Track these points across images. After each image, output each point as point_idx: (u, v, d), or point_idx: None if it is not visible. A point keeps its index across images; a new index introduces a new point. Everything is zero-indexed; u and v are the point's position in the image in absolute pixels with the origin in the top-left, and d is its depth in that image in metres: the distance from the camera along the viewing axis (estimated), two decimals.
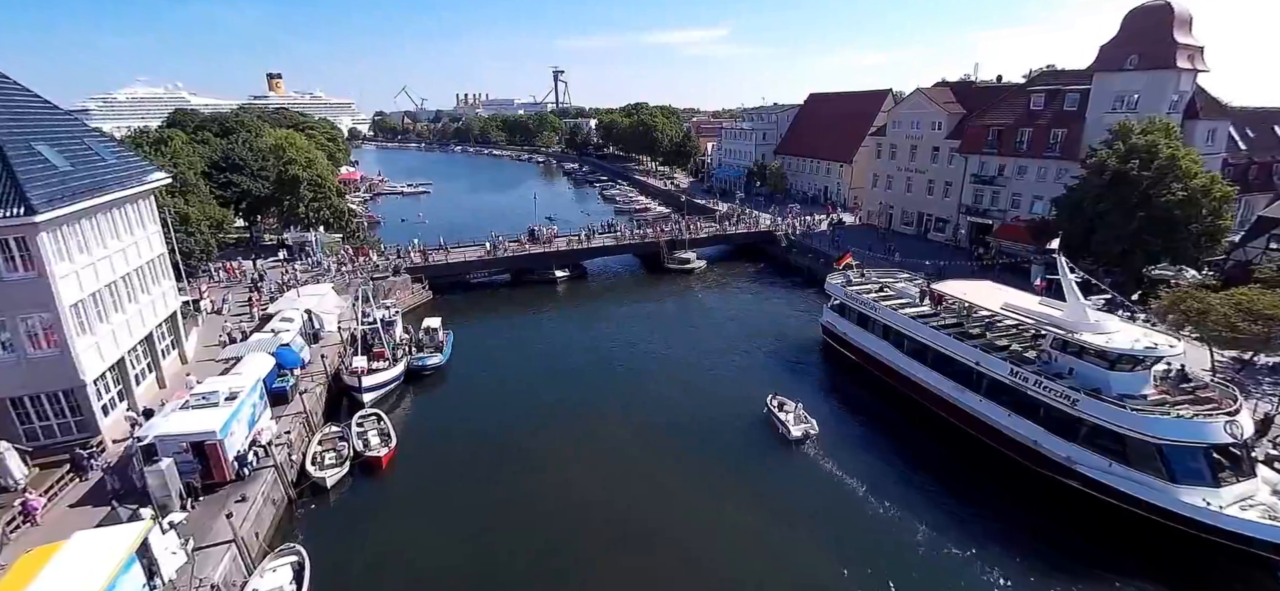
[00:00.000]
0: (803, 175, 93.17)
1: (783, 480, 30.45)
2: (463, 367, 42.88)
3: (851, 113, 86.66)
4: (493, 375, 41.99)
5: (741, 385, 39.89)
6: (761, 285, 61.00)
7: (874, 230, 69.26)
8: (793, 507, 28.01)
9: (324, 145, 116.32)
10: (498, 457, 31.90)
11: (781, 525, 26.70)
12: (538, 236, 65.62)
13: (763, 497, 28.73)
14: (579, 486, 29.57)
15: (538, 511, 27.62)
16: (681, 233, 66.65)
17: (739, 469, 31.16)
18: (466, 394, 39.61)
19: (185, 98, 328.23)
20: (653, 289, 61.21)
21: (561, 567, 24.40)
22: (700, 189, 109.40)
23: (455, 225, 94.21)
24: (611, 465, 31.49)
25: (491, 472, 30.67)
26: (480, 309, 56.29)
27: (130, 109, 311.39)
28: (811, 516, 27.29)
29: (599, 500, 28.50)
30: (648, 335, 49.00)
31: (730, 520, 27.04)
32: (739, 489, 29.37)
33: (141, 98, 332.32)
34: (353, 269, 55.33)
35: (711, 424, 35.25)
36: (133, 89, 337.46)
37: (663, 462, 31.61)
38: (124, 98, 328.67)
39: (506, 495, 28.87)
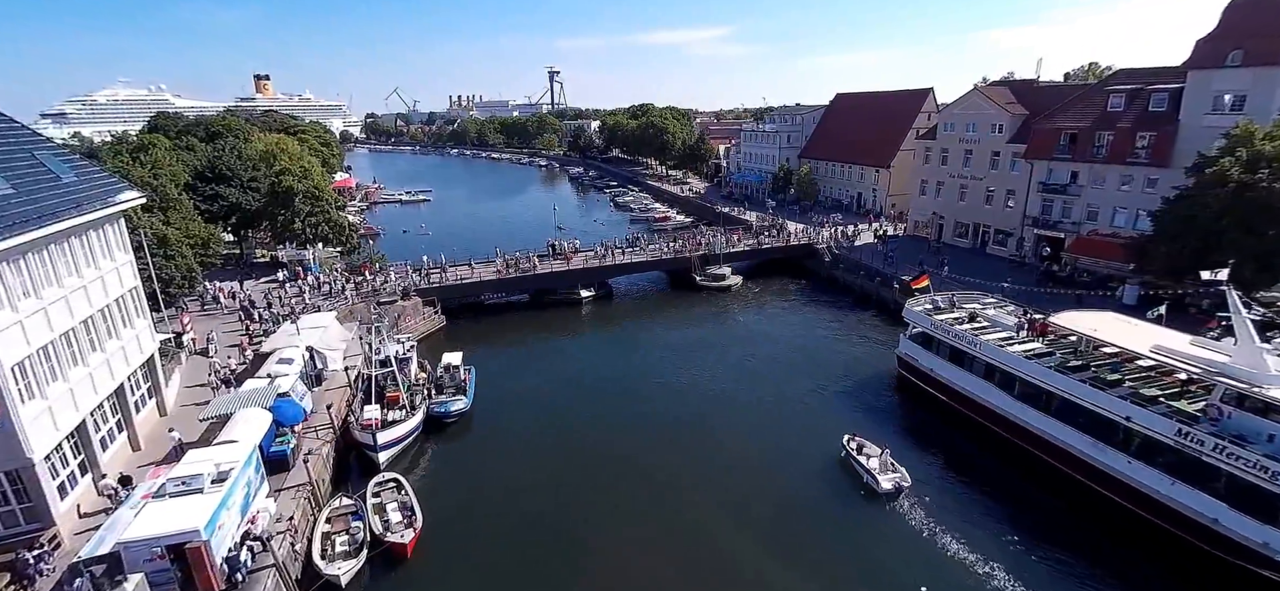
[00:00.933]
0: (832, 180, 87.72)
1: (872, 543, 25.73)
2: (488, 411, 36.99)
3: (888, 114, 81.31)
4: (523, 421, 36.17)
5: (809, 424, 35.06)
6: (807, 305, 55.34)
7: (922, 242, 63.82)
8: (893, 574, 23.59)
9: (317, 150, 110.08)
10: (541, 532, 26.45)
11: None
12: (559, 251, 59.75)
13: (853, 563, 24.52)
14: (637, 568, 24.44)
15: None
16: (714, 245, 60.92)
17: (821, 528, 26.75)
18: (495, 447, 33.70)
19: (169, 100, 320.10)
20: (686, 309, 55.49)
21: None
22: (717, 195, 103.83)
23: (460, 237, 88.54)
24: (671, 533, 26.37)
25: (536, 555, 25.04)
26: (499, 335, 50.36)
27: (111, 112, 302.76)
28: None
29: (666, 579, 23.80)
30: (691, 365, 43.41)
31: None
32: (823, 554, 25.06)
33: (123, 100, 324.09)
34: (357, 292, 49.18)
35: (782, 473, 30.69)
36: (113, 90, 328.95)
37: (732, 526, 26.84)
38: (104, 100, 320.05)
39: (558, 583, 23.70)
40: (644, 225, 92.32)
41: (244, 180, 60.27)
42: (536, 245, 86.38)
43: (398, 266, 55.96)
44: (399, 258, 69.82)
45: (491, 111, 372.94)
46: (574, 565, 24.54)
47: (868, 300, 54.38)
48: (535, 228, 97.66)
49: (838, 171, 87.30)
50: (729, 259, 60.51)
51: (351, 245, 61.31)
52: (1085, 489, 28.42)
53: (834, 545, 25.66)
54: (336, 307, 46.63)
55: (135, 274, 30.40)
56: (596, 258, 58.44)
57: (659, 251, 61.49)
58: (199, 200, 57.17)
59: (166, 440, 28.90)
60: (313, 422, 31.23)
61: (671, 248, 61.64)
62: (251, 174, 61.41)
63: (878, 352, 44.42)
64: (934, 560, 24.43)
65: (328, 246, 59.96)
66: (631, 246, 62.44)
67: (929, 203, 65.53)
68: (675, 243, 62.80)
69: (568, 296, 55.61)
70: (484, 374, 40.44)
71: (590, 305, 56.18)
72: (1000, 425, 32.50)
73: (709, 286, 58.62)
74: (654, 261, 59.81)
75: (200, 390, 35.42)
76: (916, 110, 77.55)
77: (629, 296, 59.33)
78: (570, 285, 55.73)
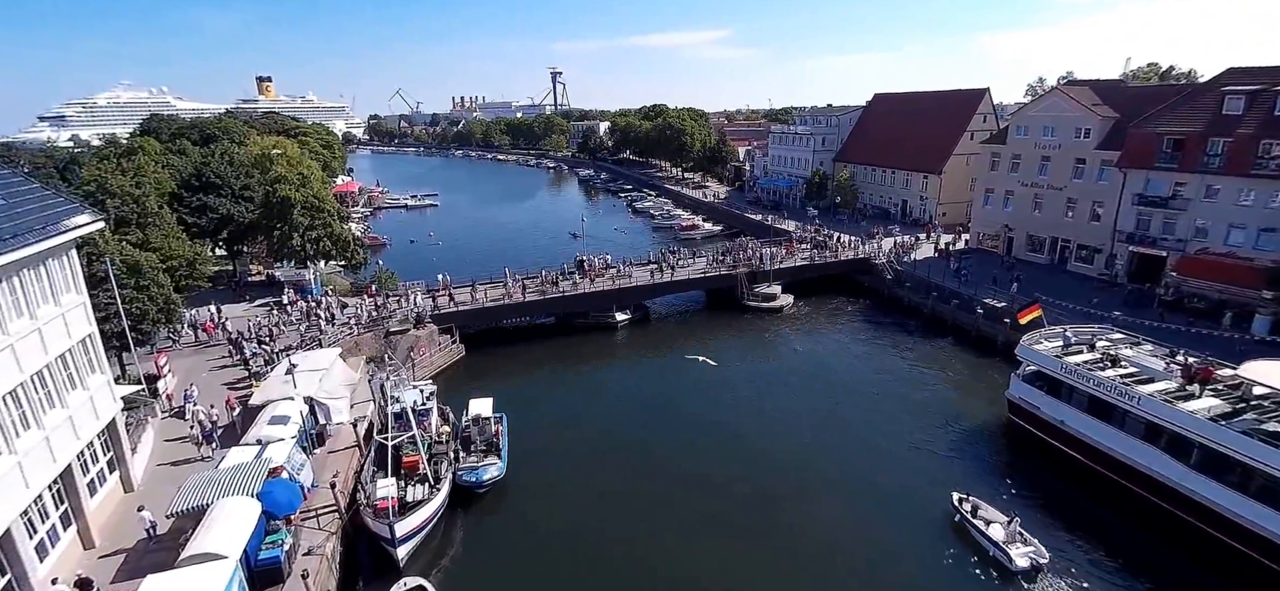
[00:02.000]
0: (873, 186, 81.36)
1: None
2: (524, 472, 30.62)
3: (938, 116, 74.99)
4: (567, 485, 30.03)
5: (904, 480, 29.49)
6: (871, 330, 48.95)
7: (989, 256, 57.39)
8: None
9: (318, 153, 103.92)
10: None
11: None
12: (588, 268, 53.42)
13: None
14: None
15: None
16: (760, 260, 54.58)
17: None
18: (537, 523, 27.39)
19: (170, 102, 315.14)
20: (734, 334, 49.23)
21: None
22: (742, 200, 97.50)
23: (470, 246, 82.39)
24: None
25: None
26: (526, 367, 44.07)
27: (111, 114, 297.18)
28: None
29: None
30: (752, 404, 37.37)
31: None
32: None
33: (124, 103, 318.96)
34: (363, 321, 42.84)
35: (880, 537, 25.73)
36: (114, 93, 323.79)
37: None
38: (104, 103, 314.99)
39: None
40: (668, 234, 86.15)
41: (236, 189, 54.04)
42: (552, 253, 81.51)
43: (408, 286, 49.66)
44: (409, 274, 63.89)
45: (495, 112, 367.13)
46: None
47: (941, 325, 48.01)
48: (549, 234, 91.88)
49: (879, 177, 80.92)
50: (778, 276, 54.11)
51: (356, 261, 55.01)
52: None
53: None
54: (341, 338, 40.31)
55: (89, 318, 24.10)
56: (625, 277, 52.02)
57: (702, 267, 55.04)
58: (185, 212, 51.02)
59: (135, 523, 22.86)
60: (313, 503, 24.95)
61: (719, 261, 55.22)
62: (244, 182, 55.18)
63: (971, 391, 38.12)
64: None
65: (331, 262, 53.67)
66: (670, 259, 56.07)
67: (995, 213, 59.12)
68: (722, 256, 56.25)
69: (600, 320, 49.28)
70: (515, 419, 34.16)
71: (626, 329, 49.87)
72: (1168, 499, 26.17)
73: (757, 307, 52.32)
74: (703, 280, 53.38)
75: (179, 444, 29.27)
76: (970, 112, 71.22)
77: (667, 318, 53.01)
78: (604, 307, 49.38)
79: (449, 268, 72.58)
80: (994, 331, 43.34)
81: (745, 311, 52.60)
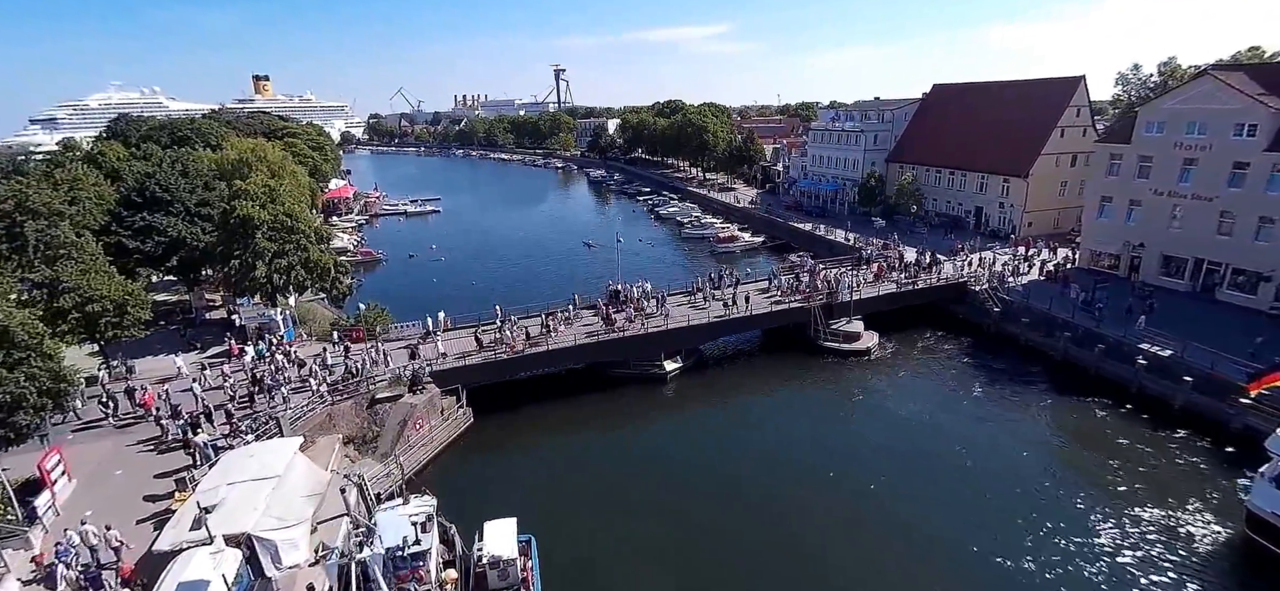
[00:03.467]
0: (938, 191, 70.92)
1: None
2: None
3: (1021, 109, 64.42)
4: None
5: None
6: (983, 383, 38.53)
7: (1104, 279, 47.04)
8: None
9: (305, 156, 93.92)
10: None
11: None
12: (624, 300, 43.25)
13: None
14: None
15: None
16: (835, 288, 44.30)
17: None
18: None
19: (163, 102, 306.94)
20: (811, 386, 39.14)
21: None
22: (777, 205, 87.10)
23: (477, 261, 72.27)
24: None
25: None
26: (553, 436, 33.95)
27: (103, 116, 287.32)
28: None
29: None
30: (864, 493, 27.63)
31: None
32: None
33: (115, 103, 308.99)
34: (339, 386, 32.54)
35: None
36: (105, 94, 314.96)
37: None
38: (96, 104, 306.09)
39: None
40: (701, 246, 75.89)
41: (190, 205, 43.99)
42: (568, 266, 72.41)
43: (401, 328, 39.55)
44: (405, 302, 53.93)
45: (497, 110, 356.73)
46: None
47: (1079, 377, 37.69)
48: (564, 242, 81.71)
49: (945, 181, 70.46)
50: (859, 307, 43.83)
51: (340, 291, 44.90)
52: None
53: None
54: (312, 411, 30.12)
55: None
56: (670, 312, 41.84)
57: (766, 297, 44.79)
58: (126, 235, 41.00)
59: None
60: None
61: (789, 292, 44.78)
62: (201, 196, 45.13)
63: (1160, 484, 27.82)
64: None
65: (307, 293, 43.59)
66: (714, 287, 45.86)
67: (1116, 227, 48.67)
68: (796, 283, 45.81)
69: (645, 371, 39.05)
70: (547, 522, 24.26)
71: (677, 379, 39.67)
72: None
73: (835, 348, 42.05)
74: (767, 315, 42.84)
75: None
76: (1062, 105, 60.66)
77: (722, 363, 42.74)
78: (650, 354, 39.14)
79: (452, 285, 63.85)
80: (1172, 392, 33.00)
81: (817, 352, 42.39)
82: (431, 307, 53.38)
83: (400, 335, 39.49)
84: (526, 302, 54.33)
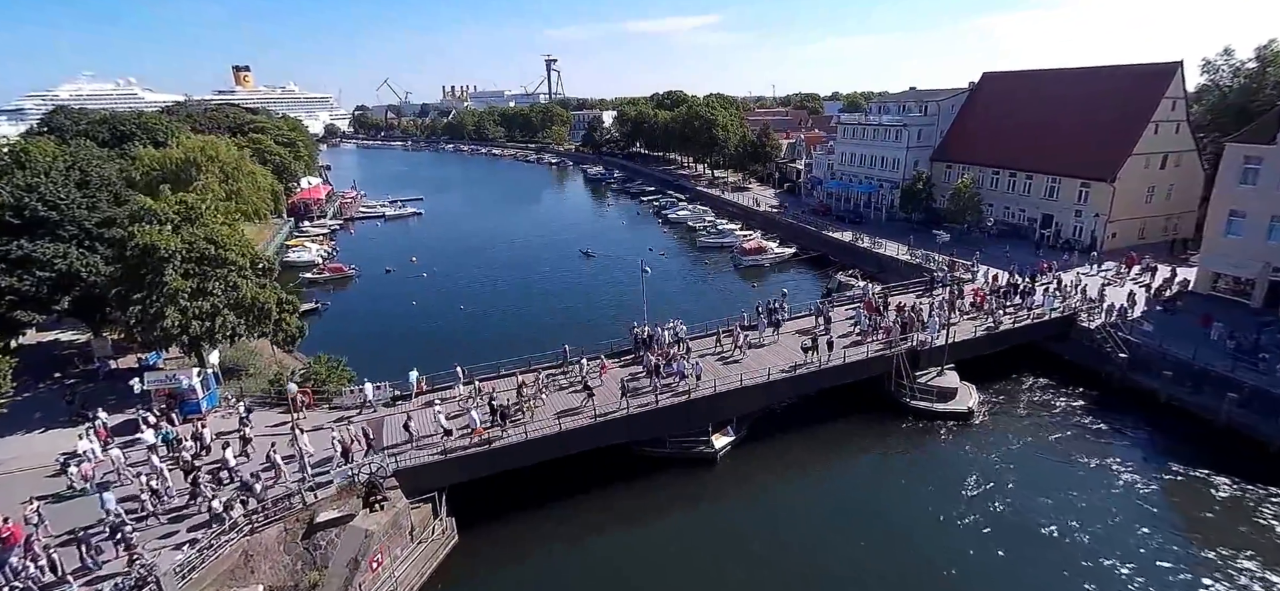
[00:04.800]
0: (995, 194, 61.62)
1: None
2: None
3: (1103, 102, 55.19)
4: None
5: None
6: (1130, 465, 29.29)
7: (1222, 306, 38.04)
8: None
9: (272, 152, 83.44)
10: None
11: None
12: (652, 342, 33.66)
13: None
14: None
15: None
16: (928, 328, 34.87)
17: None
18: None
19: (138, 95, 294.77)
20: (900, 464, 29.99)
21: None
22: (801, 208, 77.71)
23: (463, 276, 62.16)
24: None
25: None
26: (568, 557, 24.42)
27: (73, 107, 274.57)
28: None
29: None
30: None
31: None
32: None
33: (87, 94, 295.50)
34: (270, 511, 22.69)
35: None
36: (76, 85, 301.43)
37: None
38: (67, 95, 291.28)
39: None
40: (722, 257, 66.37)
41: (89, 226, 33.91)
42: (564, 278, 63.23)
43: (366, 389, 29.77)
44: (372, 342, 44.41)
45: (487, 101, 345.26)
46: None
47: (1258, 453, 28.56)
48: (562, 249, 71.89)
49: (1005, 183, 61.22)
50: (954, 352, 34.41)
51: (288, 333, 35.00)
52: None
53: None
54: (215, 552, 20.31)
55: None
56: (694, 371, 32.36)
57: (860, 335, 35.31)
58: None
59: None
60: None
61: (870, 333, 35.11)
62: (108, 212, 35.04)
63: None
64: None
65: (238, 340, 33.62)
66: (765, 321, 36.32)
67: (1251, 245, 39.52)
68: (875, 320, 36.09)
69: (687, 451, 29.50)
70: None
71: (728, 456, 30.15)
72: None
73: (923, 408, 32.68)
74: (849, 367, 33.00)
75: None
76: (1156, 97, 51.50)
77: (780, 432, 33.02)
78: (693, 426, 29.56)
79: (434, 308, 53.89)
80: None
81: (899, 413, 33.04)
82: (409, 342, 44.64)
83: (364, 394, 29.63)
84: (520, 332, 45.25)
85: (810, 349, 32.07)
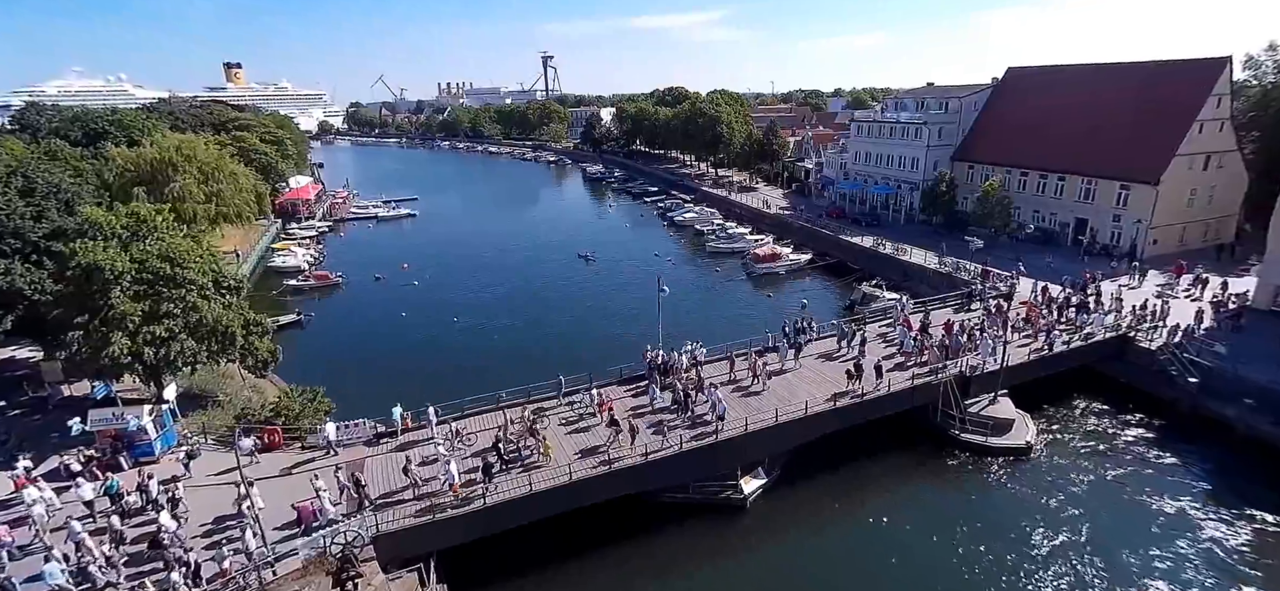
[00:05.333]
0: (1022, 197, 57.97)
1: None
2: None
3: (1144, 99, 51.63)
4: None
5: None
6: (1216, 512, 25.76)
7: None
8: None
9: (256, 150, 79.47)
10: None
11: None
12: (671, 369, 30.01)
13: None
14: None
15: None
16: (980, 351, 31.25)
17: None
18: None
19: (128, 91, 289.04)
20: (952, 508, 26.35)
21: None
22: (811, 209, 74.09)
23: (458, 284, 58.34)
24: None
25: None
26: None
27: (62, 104, 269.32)
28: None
29: None
30: None
31: None
32: None
33: (76, 91, 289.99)
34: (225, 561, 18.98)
35: None
36: (66, 81, 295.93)
37: None
38: (54, 91, 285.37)
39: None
40: (732, 264, 62.72)
41: (36, 238, 30.08)
42: (565, 285, 59.27)
43: (327, 430, 26.03)
44: (362, 344, 40.99)
45: (483, 99, 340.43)
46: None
47: None
48: (561, 254, 68.10)
49: (1034, 185, 57.66)
50: (1008, 377, 30.77)
51: (260, 357, 31.17)
52: None
53: None
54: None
55: None
56: (710, 402, 28.79)
57: (909, 361, 31.49)
58: None
59: None
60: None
61: (920, 362, 31.26)
62: (58, 222, 31.19)
63: None
64: None
65: (201, 369, 29.81)
66: (794, 337, 32.60)
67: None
68: (922, 341, 32.29)
69: (713, 497, 25.86)
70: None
71: (759, 501, 26.48)
72: None
73: (976, 442, 29.09)
74: (896, 396, 29.22)
75: None
76: (1202, 94, 47.98)
77: (808, 474, 29.35)
78: (721, 469, 25.89)
79: (426, 318, 50.18)
80: None
81: (947, 445, 29.49)
82: (397, 362, 40.95)
83: (325, 436, 25.85)
84: (517, 350, 41.53)
85: (854, 376, 28.39)
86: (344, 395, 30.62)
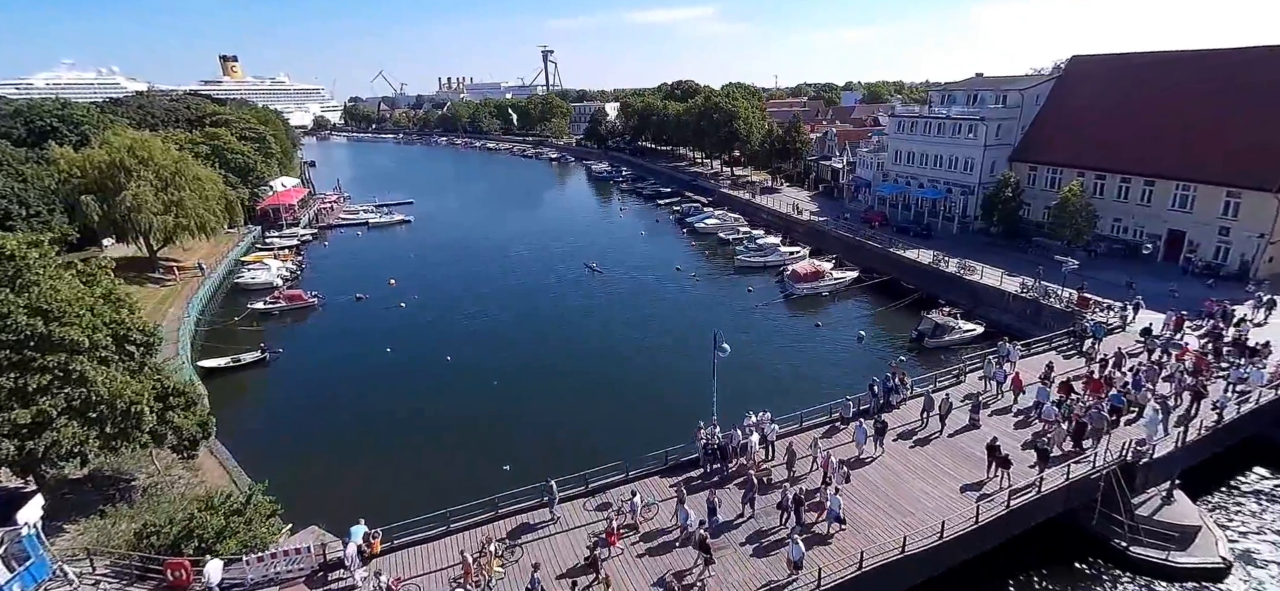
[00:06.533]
0: (1100, 204, 50.24)
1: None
2: None
3: (1252, 94, 43.89)
4: None
5: None
6: None
7: None
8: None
9: (233, 149, 71.77)
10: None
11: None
12: (731, 453, 22.49)
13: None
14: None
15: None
16: (1149, 428, 23.68)
17: None
18: None
19: (120, 84, 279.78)
20: None
21: None
22: (846, 214, 66.46)
23: (453, 307, 49.98)
24: None
25: None
26: None
27: (51, 97, 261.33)
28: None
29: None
30: None
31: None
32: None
33: (66, 84, 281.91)
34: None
35: None
36: (54, 73, 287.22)
37: None
38: (43, 84, 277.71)
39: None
40: (763, 278, 55.15)
41: None
42: (574, 312, 49.12)
43: (209, 570, 18.57)
44: (331, 399, 33.55)
45: (483, 94, 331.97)
46: None
47: None
48: (568, 269, 60.37)
49: (1113, 190, 50.05)
50: (1186, 457, 23.14)
51: (186, 436, 23.63)
52: None
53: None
54: None
55: None
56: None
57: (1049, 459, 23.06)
58: None
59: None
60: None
61: (1053, 420, 23.34)
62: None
63: None
64: None
65: (98, 456, 22.30)
66: (884, 400, 25.08)
67: None
68: (1070, 417, 23.73)
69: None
70: None
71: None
72: None
73: (1151, 561, 21.50)
74: (1041, 502, 20.92)
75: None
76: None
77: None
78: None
79: (412, 356, 41.48)
80: None
81: (1105, 561, 21.96)
82: (372, 428, 32.49)
83: (206, 580, 18.38)
84: (519, 401, 33.49)
85: (1037, 465, 20.81)
86: (304, 478, 23.17)
